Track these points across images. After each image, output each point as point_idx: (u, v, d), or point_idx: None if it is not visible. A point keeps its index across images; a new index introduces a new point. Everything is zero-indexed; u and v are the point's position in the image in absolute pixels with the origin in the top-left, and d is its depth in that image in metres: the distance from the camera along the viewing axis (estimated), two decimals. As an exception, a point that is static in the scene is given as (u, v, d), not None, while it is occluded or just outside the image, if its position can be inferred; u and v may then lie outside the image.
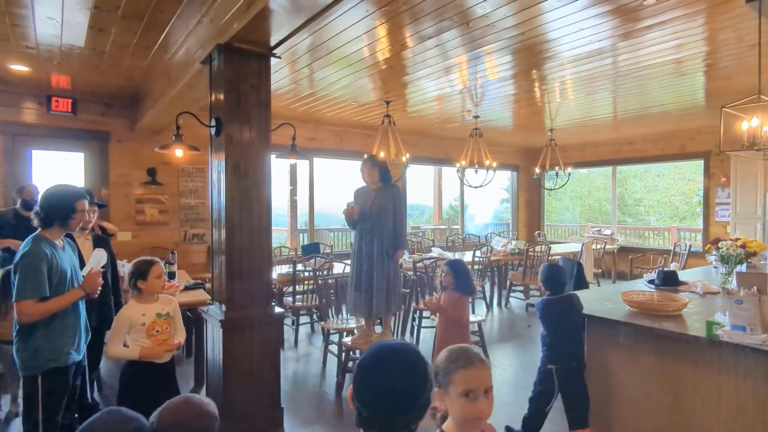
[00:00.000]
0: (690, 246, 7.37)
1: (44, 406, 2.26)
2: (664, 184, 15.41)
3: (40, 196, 2.36)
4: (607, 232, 9.98)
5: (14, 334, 2.27)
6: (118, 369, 2.70)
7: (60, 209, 2.31)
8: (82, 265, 2.57)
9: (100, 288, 2.43)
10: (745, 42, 3.88)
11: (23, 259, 2.20)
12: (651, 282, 3.52)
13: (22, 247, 2.25)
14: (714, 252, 3.51)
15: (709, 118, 7.02)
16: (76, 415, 2.67)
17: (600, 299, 3.00)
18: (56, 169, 5.90)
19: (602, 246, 8.12)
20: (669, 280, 3.42)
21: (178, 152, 3.50)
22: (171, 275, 4.35)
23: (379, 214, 3.73)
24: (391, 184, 3.89)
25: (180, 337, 2.69)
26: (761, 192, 7.05)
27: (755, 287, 2.02)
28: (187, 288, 4.05)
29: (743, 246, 3.34)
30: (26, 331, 2.23)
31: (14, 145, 5.38)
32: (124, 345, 2.49)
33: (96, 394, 3.49)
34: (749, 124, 3.24)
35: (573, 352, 2.70)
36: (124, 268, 3.50)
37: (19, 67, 4.54)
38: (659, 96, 5.81)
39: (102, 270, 2.47)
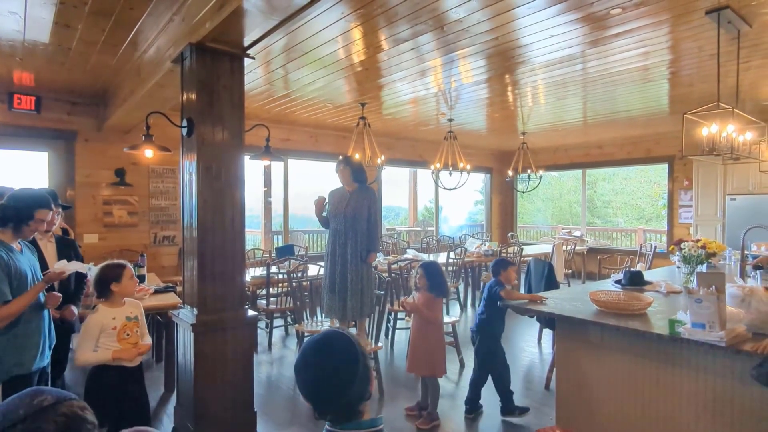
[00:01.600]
0: (655, 247, 7.62)
1: None
2: (631, 187, 15.90)
3: (6, 197, 2.28)
4: (577, 233, 10.24)
5: None
6: (83, 375, 2.62)
7: (18, 211, 2.22)
8: (44, 268, 2.49)
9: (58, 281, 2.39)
10: (706, 51, 4.05)
11: None
12: (618, 282, 3.63)
13: None
14: (677, 253, 3.65)
15: (673, 124, 7.29)
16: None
17: (569, 299, 3.08)
18: (18, 169, 5.68)
19: (572, 247, 8.33)
20: (635, 280, 3.53)
21: (148, 153, 3.42)
22: (140, 278, 4.24)
23: (354, 216, 3.74)
24: (366, 186, 3.89)
25: (147, 340, 2.64)
26: (721, 195, 7.36)
27: (714, 286, 2.10)
28: (157, 291, 3.95)
29: (704, 247, 3.48)
30: None
31: (-27, 143, 5.16)
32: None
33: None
34: (709, 130, 3.39)
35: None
36: (91, 271, 3.40)
37: (-22, 63, 4.36)
38: (626, 102, 6.00)
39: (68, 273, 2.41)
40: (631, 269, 3.74)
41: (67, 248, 3.14)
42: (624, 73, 4.71)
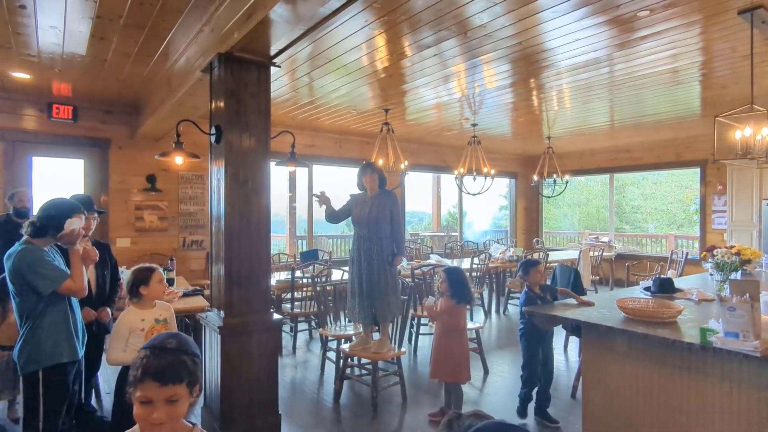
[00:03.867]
0: (687, 253, 7.39)
1: (45, 407, 2.28)
2: (661, 191, 15.48)
3: (39, 207, 2.38)
4: (605, 239, 10.02)
5: (20, 335, 2.30)
6: (115, 375, 2.71)
7: (58, 219, 2.33)
8: None
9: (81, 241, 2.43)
10: (739, 52, 3.94)
11: (23, 261, 2.24)
12: (647, 289, 3.54)
13: (13, 254, 2.27)
14: (710, 259, 3.53)
15: (705, 127, 7.08)
16: (74, 422, 2.67)
17: (596, 306, 3.02)
18: (56, 176, 5.92)
19: (600, 253, 8.15)
20: (665, 287, 3.43)
21: (178, 159, 3.52)
22: (169, 282, 4.36)
23: (377, 221, 3.75)
24: (386, 190, 3.91)
25: None
26: (756, 200, 7.10)
27: (748, 294, 2.04)
28: (185, 294, 4.06)
29: (738, 254, 3.36)
30: (31, 329, 2.29)
31: (14, 151, 5.41)
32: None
33: (93, 401, 3.49)
34: (742, 133, 3.28)
35: None
36: (123, 274, 3.51)
37: (20, 75, 4.57)
38: (655, 105, 5.86)
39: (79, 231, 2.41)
40: (662, 276, 3.64)
41: (102, 251, 3.26)
42: (652, 75, 4.61)
